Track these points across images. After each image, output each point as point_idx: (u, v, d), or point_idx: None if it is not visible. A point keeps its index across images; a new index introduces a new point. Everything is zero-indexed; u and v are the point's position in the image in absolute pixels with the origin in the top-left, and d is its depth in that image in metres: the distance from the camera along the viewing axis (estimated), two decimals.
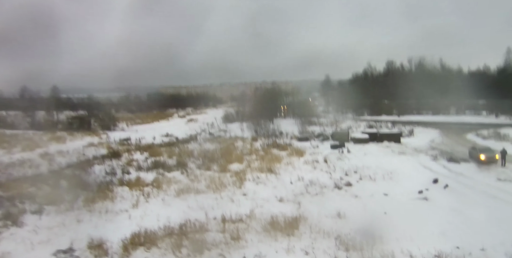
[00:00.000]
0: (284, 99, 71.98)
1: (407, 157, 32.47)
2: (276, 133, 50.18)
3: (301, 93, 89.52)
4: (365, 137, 40.73)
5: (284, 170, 28.01)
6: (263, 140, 44.35)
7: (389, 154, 34.44)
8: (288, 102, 73.33)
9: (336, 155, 33.64)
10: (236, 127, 55.59)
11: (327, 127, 52.72)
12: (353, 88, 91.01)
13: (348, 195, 21.25)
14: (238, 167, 29.94)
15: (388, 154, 34.70)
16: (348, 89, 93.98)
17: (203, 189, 23.25)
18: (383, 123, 54.49)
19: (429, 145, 39.41)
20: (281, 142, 42.19)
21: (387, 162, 30.04)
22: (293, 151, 36.58)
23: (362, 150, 36.94)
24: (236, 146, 41.03)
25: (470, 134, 46.39)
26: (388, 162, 29.82)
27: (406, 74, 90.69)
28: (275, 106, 66.05)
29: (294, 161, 31.62)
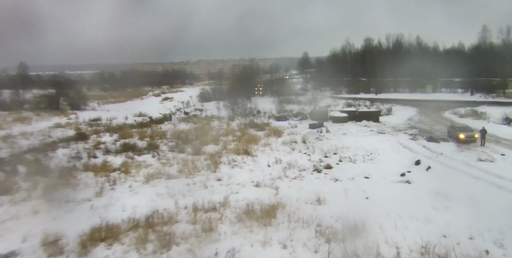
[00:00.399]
0: (262, 77, 70.03)
1: (386, 137, 31.61)
2: (253, 112, 48.65)
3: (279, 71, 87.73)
4: (344, 116, 39.69)
5: (261, 152, 26.64)
6: (240, 120, 42.77)
7: (368, 134, 33.55)
8: (266, 80, 71.52)
9: (314, 135, 32.46)
10: (212, 106, 53.63)
11: (305, 106, 51.45)
12: (331, 66, 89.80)
13: (328, 179, 20.08)
14: (214, 149, 28.38)
15: (367, 133, 33.80)
16: (326, 67, 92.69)
17: (174, 174, 21.63)
18: (361, 102, 53.66)
19: (408, 123, 38.77)
20: (259, 122, 40.74)
21: (366, 142, 29.09)
22: (270, 131, 35.20)
23: (341, 129, 35.94)
24: (212, 126, 39.37)
25: (447, 112, 46.09)
26: (367, 142, 28.87)
27: (384, 51, 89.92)
28: (253, 84, 64.13)
29: (272, 142, 30.28)
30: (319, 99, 57.58)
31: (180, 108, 54.67)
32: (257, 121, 41.34)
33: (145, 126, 40.27)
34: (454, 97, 62.21)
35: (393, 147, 27.50)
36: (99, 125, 44.46)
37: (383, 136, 32.17)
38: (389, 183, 19.03)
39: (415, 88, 77.47)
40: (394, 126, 37.24)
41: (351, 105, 50.51)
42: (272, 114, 46.21)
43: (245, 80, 60.41)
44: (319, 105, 51.63)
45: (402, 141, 29.62)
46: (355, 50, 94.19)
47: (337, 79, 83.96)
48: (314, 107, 48.13)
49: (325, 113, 41.46)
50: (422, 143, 28.95)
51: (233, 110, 49.24)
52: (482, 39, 77.59)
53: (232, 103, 50.19)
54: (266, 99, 58.81)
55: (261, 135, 33.42)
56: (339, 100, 56.82)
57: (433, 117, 42.75)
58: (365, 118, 39.34)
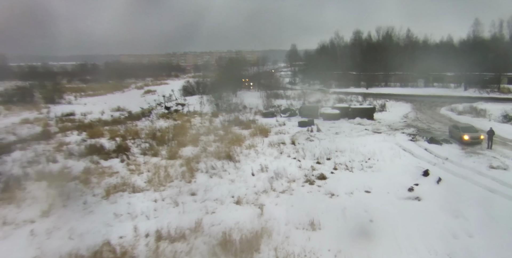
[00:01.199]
0: (249, 69, 66.41)
1: (383, 137, 28.54)
2: (239, 108, 45.17)
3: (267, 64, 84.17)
4: (335, 113, 36.55)
5: (245, 156, 23.30)
6: (224, 116, 39.30)
7: (363, 133, 30.47)
8: (253, 73, 67.94)
9: (305, 135, 29.23)
10: (195, 100, 49.95)
11: (294, 101, 48.20)
12: (320, 59, 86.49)
13: (323, 193, 16.87)
14: (192, 151, 24.98)
15: (361, 133, 30.72)
16: (315, 60, 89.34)
17: (142, 186, 18.20)
18: (353, 96, 50.51)
19: (404, 121, 35.83)
20: (244, 119, 37.34)
21: (362, 143, 25.97)
22: (256, 129, 31.84)
23: (333, 128, 32.81)
24: (193, 124, 35.84)
25: (444, 108, 43.36)
26: (363, 144, 25.75)
27: (374, 45, 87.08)
28: (239, 78, 60.48)
29: (258, 143, 26.94)
30: (309, 93, 54.31)
31: (161, 103, 50.85)
32: (243, 117, 37.93)
33: (120, 123, 36.55)
34: (448, 92, 59.70)
35: (392, 150, 24.43)
36: (72, 121, 40.54)
37: (380, 136, 29.11)
38: (396, 199, 15.90)
39: (406, 82, 74.91)
40: (389, 124, 34.26)
41: (343, 100, 47.41)
42: (259, 110, 42.82)
43: (230, 73, 56.72)
44: (309, 100, 48.42)
45: (401, 143, 26.59)
46: (344, 43, 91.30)
47: (326, 73, 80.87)
48: (304, 103, 44.93)
49: (315, 109, 38.26)
50: (423, 145, 25.97)
51: (217, 105, 45.67)
52: (474, 33, 75.08)
53: (216, 98, 46.58)
54: (253, 93, 55.35)
55: (246, 134, 30.07)
56: (329, 95, 53.65)
57: (430, 114, 39.93)
58: (359, 115, 36.26)
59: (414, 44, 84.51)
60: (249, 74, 69.34)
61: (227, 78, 55.80)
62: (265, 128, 32.23)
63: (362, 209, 14.89)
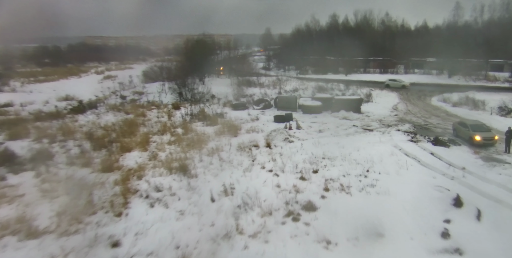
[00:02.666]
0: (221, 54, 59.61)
1: (377, 137, 23.11)
2: (206, 98, 38.85)
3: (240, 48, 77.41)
4: (317, 105, 30.90)
5: (205, 168, 17.32)
6: (187, 108, 33.00)
7: (352, 131, 25.01)
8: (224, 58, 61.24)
9: (282, 135, 23.42)
10: (156, 88, 43.22)
11: (269, 89, 42.20)
12: (296, 43, 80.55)
13: (313, 240, 11.09)
14: (137, 159, 18.77)
15: (350, 130, 25.24)
16: (290, 44, 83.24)
17: (44, 225, 12.00)
18: (334, 84, 44.92)
19: (395, 115, 30.64)
20: (211, 112, 31.16)
21: (354, 146, 20.45)
22: (224, 126, 25.78)
23: (316, 123, 27.20)
24: (148, 119, 29.36)
25: (434, 98, 38.56)
26: (355, 147, 20.24)
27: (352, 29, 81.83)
28: (208, 63, 53.67)
29: (224, 146, 21.00)
30: (284, 80, 48.38)
31: (115, 91, 43.74)
32: (209, 110, 31.70)
33: (58, 117, 29.59)
34: (432, 79, 55.20)
35: (394, 156, 19.03)
36: (3, 113, 33.20)
37: (372, 135, 23.68)
38: (425, 253, 10.41)
39: (386, 69, 70.26)
40: (380, 118, 28.96)
41: (323, 89, 41.79)
42: (229, 100, 36.59)
43: (197, 57, 49.90)
44: (285, 88, 42.59)
45: (400, 145, 21.24)
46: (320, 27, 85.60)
47: (302, 58, 75.14)
48: (280, 92, 39.08)
49: (293, 100, 32.43)
50: (427, 148, 20.74)
51: (181, 95, 39.18)
52: (455, 18, 70.83)
53: (180, 85, 39.95)
54: (223, 80, 48.92)
55: (211, 133, 24.03)
56: (307, 82, 47.86)
57: (421, 105, 34.95)
58: (343, 108, 30.77)
59: (393, 28, 79.80)
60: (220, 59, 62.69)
61: (193, 63, 49.01)
62: (235, 124, 26.21)
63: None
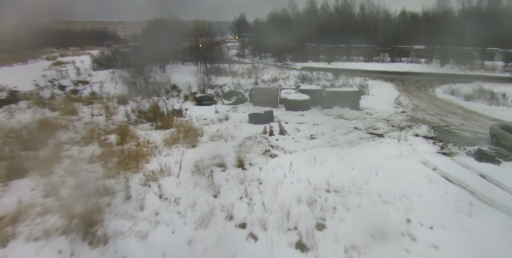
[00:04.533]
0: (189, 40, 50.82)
1: (393, 146, 16.04)
2: (165, 88, 30.85)
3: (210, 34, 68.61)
4: (304, 100, 23.52)
5: (130, 219, 9.73)
6: (138, 102, 25.09)
7: (355, 137, 17.80)
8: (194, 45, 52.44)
9: (261, 145, 15.95)
10: (105, 77, 34.75)
11: (242, 79, 34.46)
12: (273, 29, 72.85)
13: None
14: (25, 194, 11.04)
15: (352, 136, 18.03)
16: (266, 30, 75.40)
17: None
18: (321, 74, 37.50)
19: (402, 111, 23.72)
20: (167, 108, 23.35)
21: (367, 166, 13.32)
22: (180, 130, 18.16)
23: (304, 126, 19.87)
24: (78, 118, 21.26)
25: (438, 90, 32.10)
26: (370, 168, 13.15)
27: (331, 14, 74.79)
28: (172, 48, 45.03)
29: (173, 165, 13.44)
30: (261, 68, 40.76)
31: (53, 80, 34.97)
32: (165, 105, 23.84)
33: None
34: (424, 68, 48.99)
35: (433, 184, 12.04)
36: None
37: (386, 144, 16.57)
38: None
39: (371, 57, 63.82)
40: (385, 117, 21.99)
41: (307, 78, 34.45)
42: (192, 93, 28.62)
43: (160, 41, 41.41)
44: (262, 77, 35.01)
45: (432, 161, 14.19)
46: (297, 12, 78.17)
47: (279, 44, 67.57)
48: (256, 82, 31.50)
49: (273, 93, 24.90)
50: (470, 165, 13.87)
51: (134, 85, 30.98)
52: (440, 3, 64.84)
53: (133, 73, 31.68)
54: (189, 68, 40.70)
55: (159, 141, 16.40)
56: (288, 71, 40.32)
57: (427, 99, 28.32)
58: (337, 103, 23.60)
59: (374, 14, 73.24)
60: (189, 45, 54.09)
61: (154, 48, 40.63)
62: (194, 128, 18.59)
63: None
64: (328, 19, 69.83)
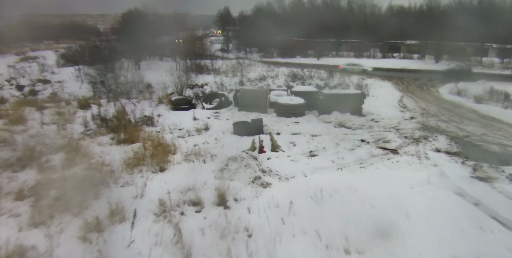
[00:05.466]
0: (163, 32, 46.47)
1: (415, 168, 12.64)
2: (138, 89, 26.85)
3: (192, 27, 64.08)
4: (298, 103, 19.88)
5: None
6: (102, 106, 21.16)
7: (365, 154, 14.22)
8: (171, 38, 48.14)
9: (248, 170, 12.24)
10: (71, 75, 30.48)
11: (226, 77, 30.61)
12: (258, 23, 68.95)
13: None
14: None
15: (360, 152, 14.41)
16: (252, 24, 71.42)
17: None
18: (313, 71, 33.76)
19: (410, 116, 20.34)
20: (137, 113, 19.45)
21: (390, 203, 9.89)
22: (147, 145, 14.34)
23: (301, 137, 16.25)
24: (24, 128, 17.16)
25: (442, 90, 29.01)
26: (396, 207, 9.70)
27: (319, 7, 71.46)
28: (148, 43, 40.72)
29: (126, 202, 9.69)
30: (247, 65, 36.91)
31: (11, 78, 30.50)
32: (134, 111, 19.91)
33: None
34: (418, 64, 46.04)
35: (485, 234, 8.66)
36: None
37: (404, 164, 13.10)
38: None
39: (360, 52, 60.70)
40: (394, 125, 18.57)
41: (298, 77, 30.81)
42: (167, 94, 24.65)
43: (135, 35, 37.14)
44: (248, 76, 31.22)
45: (469, 191, 10.87)
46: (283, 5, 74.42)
47: (266, 39, 63.81)
48: (242, 82, 27.73)
49: (262, 96, 21.17)
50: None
51: (103, 84, 26.88)
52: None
53: (101, 71, 27.51)
54: (167, 64, 36.54)
55: (118, 163, 12.60)
56: (276, 68, 36.57)
57: (433, 100, 25.15)
58: (337, 107, 20.07)
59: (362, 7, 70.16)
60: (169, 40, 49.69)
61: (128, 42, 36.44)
62: (165, 143, 14.79)
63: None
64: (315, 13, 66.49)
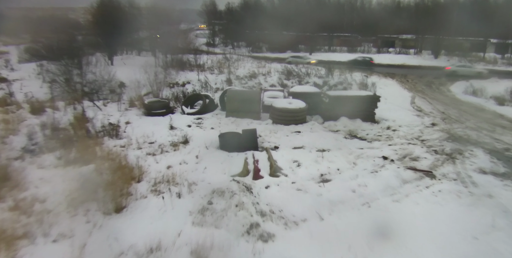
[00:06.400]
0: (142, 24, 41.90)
1: (463, 203, 9.11)
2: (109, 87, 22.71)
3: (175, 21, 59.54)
4: (299, 108, 16.14)
5: None
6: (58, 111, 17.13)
7: (393, 180, 10.73)
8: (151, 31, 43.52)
9: (243, 212, 8.65)
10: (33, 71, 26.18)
11: (212, 75, 26.72)
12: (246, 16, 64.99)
13: None
14: None
15: (386, 176, 10.90)
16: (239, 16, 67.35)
17: None
18: (311, 68, 29.77)
19: (430, 123, 16.85)
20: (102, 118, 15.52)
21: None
22: (103, 168, 10.47)
23: (306, 154, 12.51)
24: None
25: (454, 88, 25.78)
26: None
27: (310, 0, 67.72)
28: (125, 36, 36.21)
29: None
30: (235, 60, 32.96)
31: None
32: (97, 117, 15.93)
33: None
34: (417, 60, 42.97)
35: None
36: None
37: (448, 194, 9.62)
38: None
39: (353, 46, 57.38)
40: (415, 135, 15.00)
41: (293, 74, 27.08)
42: (139, 95, 20.59)
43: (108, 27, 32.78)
44: (237, 73, 27.32)
45: None
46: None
47: (254, 32, 60.03)
48: (229, 80, 23.84)
49: (254, 99, 17.32)
50: None
51: (67, 83, 22.62)
52: None
53: (66, 67, 23.21)
54: (145, 59, 32.25)
55: (58, 199, 8.74)
56: (268, 64, 32.70)
57: (449, 102, 21.83)
58: (345, 112, 16.38)
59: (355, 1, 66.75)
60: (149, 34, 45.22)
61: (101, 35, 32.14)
62: (129, 166, 10.94)
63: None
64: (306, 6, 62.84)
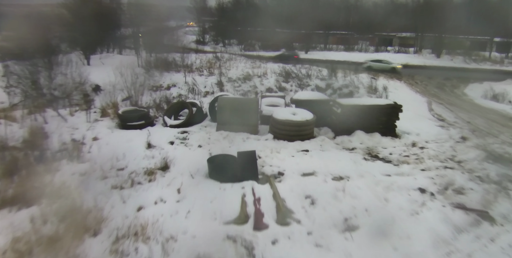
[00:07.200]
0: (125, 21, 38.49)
1: None
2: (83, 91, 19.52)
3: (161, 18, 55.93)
4: (306, 120, 13.22)
5: None
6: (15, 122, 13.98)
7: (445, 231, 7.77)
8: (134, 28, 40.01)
9: None
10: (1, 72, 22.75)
11: (201, 76, 23.62)
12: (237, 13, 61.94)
13: None
14: None
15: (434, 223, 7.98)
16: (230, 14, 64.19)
17: None
18: (312, 69, 26.67)
19: (459, 136, 14.12)
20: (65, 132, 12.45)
21: None
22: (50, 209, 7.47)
23: (319, 184, 9.59)
24: None
25: (469, 91, 23.21)
26: None
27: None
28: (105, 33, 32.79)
29: None
30: (227, 60, 29.84)
31: None
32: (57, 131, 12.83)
33: None
34: (420, 59, 40.44)
35: None
36: None
37: None
38: None
39: (350, 45, 54.73)
40: (448, 154, 12.22)
41: (291, 75, 24.09)
42: (113, 103, 17.47)
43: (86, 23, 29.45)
44: (229, 75, 24.24)
45: None
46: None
47: (246, 30, 56.95)
48: (220, 82, 20.77)
49: (251, 108, 14.25)
50: None
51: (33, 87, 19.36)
52: None
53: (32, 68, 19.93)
54: (126, 59, 28.91)
55: None
56: (263, 64, 29.58)
57: (471, 109, 19.17)
58: (360, 124, 13.48)
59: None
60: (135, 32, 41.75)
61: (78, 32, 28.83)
62: (84, 209, 7.91)
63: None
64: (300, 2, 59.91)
